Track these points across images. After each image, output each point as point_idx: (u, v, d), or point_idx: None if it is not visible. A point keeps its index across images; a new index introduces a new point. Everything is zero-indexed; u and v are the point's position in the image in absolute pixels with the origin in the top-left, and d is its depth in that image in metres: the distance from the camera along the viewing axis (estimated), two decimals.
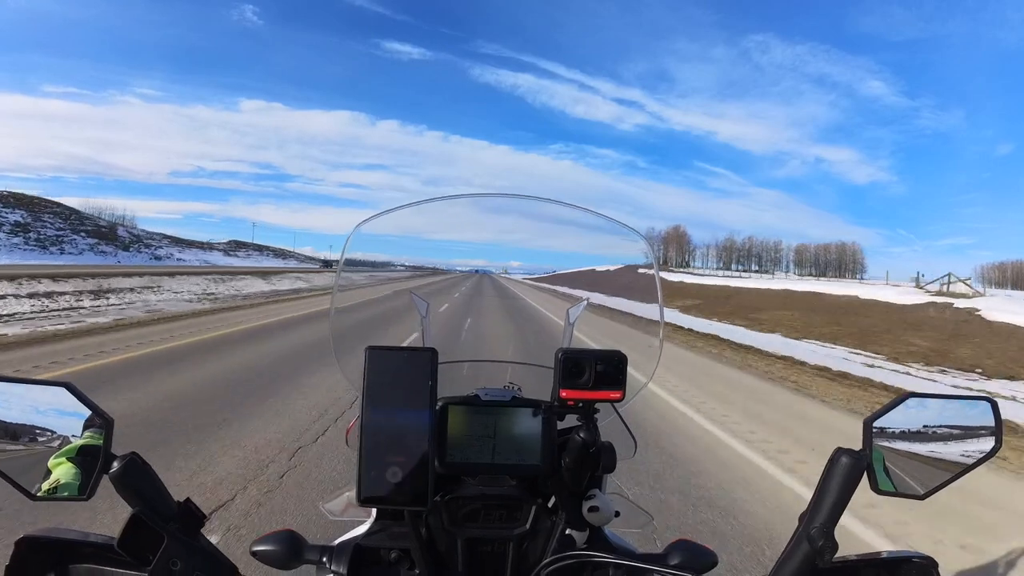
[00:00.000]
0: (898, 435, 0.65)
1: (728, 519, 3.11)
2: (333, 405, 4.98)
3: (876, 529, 3.02)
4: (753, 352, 11.12)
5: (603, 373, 0.67)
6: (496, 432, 0.72)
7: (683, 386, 6.88)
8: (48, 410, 0.60)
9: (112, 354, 6.93)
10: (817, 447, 4.63)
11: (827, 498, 0.62)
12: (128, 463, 0.58)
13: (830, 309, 19.88)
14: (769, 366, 9.35)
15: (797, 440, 4.89)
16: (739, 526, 3.03)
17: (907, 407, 0.65)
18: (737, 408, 6.00)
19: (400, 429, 0.61)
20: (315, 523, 2.67)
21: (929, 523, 3.16)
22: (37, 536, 0.60)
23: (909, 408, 0.65)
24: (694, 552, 0.73)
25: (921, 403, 0.66)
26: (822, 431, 5.32)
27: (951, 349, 12.43)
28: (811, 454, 4.43)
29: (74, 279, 16.44)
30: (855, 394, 7.16)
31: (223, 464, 3.49)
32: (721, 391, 6.95)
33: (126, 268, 29.91)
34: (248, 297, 19.32)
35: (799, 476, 3.91)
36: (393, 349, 0.63)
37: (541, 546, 0.75)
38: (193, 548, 0.59)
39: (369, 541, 0.74)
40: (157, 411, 4.56)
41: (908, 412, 0.65)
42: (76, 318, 10.48)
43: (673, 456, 4.18)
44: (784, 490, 3.66)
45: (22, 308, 11.38)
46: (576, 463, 0.69)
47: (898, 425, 0.65)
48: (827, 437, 5.04)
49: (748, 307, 22.69)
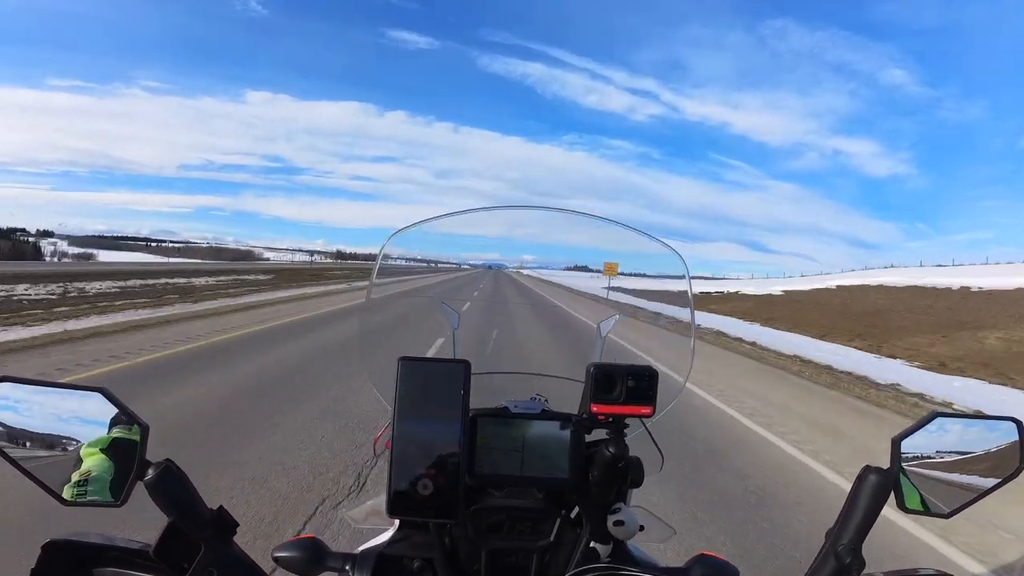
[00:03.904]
0: (925, 454, 0.66)
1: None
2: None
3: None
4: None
5: (634, 388, 0.67)
6: (525, 445, 0.72)
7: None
8: (82, 415, 0.60)
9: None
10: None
11: (855, 515, 0.62)
12: (164, 470, 0.58)
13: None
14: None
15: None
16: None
17: (934, 426, 0.66)
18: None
19: (431, 441, 0.61)
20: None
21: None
22: (63, 540, 0.60)
23: (935, 427, 0.66)
24: (716, 567, 0.73)
25: (947, 423, 0.67)
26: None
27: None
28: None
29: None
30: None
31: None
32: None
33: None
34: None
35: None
36: (426, 360, 0.63)
37: (564, 559, 0.75)
38: (228, 556, 0.59)
39: (392, 550, 0.74)
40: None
41: (934, 431, 0.66)
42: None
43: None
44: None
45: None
46: (604, 477, 0.69)
47: (925, 444, 0.66)
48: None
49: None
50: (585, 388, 0.70)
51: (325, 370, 6.40)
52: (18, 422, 0.58)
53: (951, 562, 2.94)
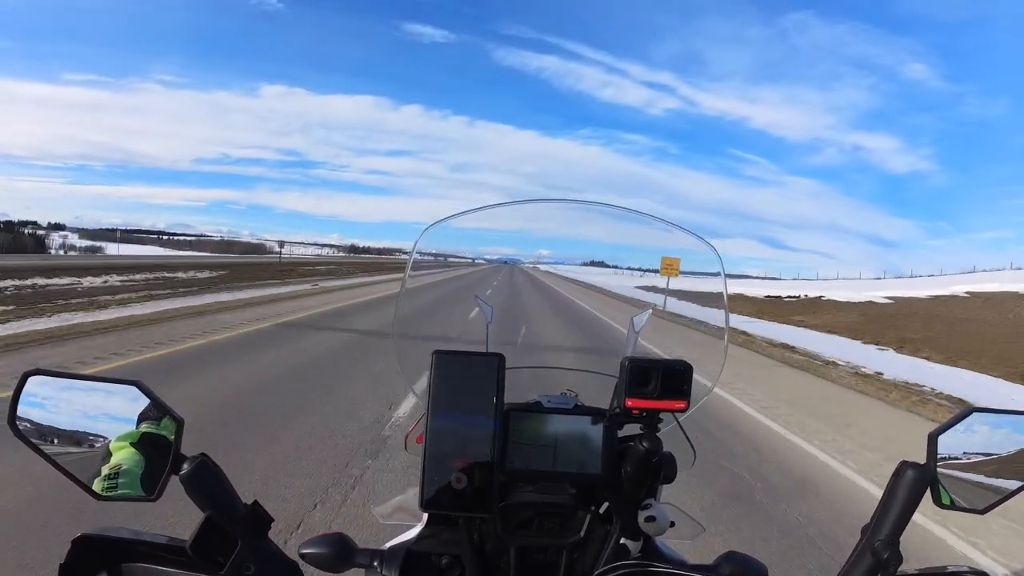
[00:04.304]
0: (961, 450, 0.65)
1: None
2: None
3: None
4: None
5: (668, 382, 0.67)
6: (557, 440, 0.71)
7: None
8: (111, 408, 0.59)
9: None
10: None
11: (892, 510, 0.62)
12: (199, 465, 0.57)
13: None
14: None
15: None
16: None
17: (970, 422, 0.65)
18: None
19: (465, 435, 0.60)
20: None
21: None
22: (93, 535, 0.59)
23: (972, 423, 0.65)
24: (745, 564, 0.73)
25: (984, 418, 0.66)
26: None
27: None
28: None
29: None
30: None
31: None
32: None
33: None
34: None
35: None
36: (460, 353, 0.63)
37: (593, 555, 0.75)
38: (264, 551, 0.58)
39: (420, 546, 0.73)
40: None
41: (971, 427, 0.65)
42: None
43: None
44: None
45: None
46: (637, 472, 0.69)
47: (961, 440, 0.65)
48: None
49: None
50: (619, 382, 0.69)
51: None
52: (49, 416, 0.57)
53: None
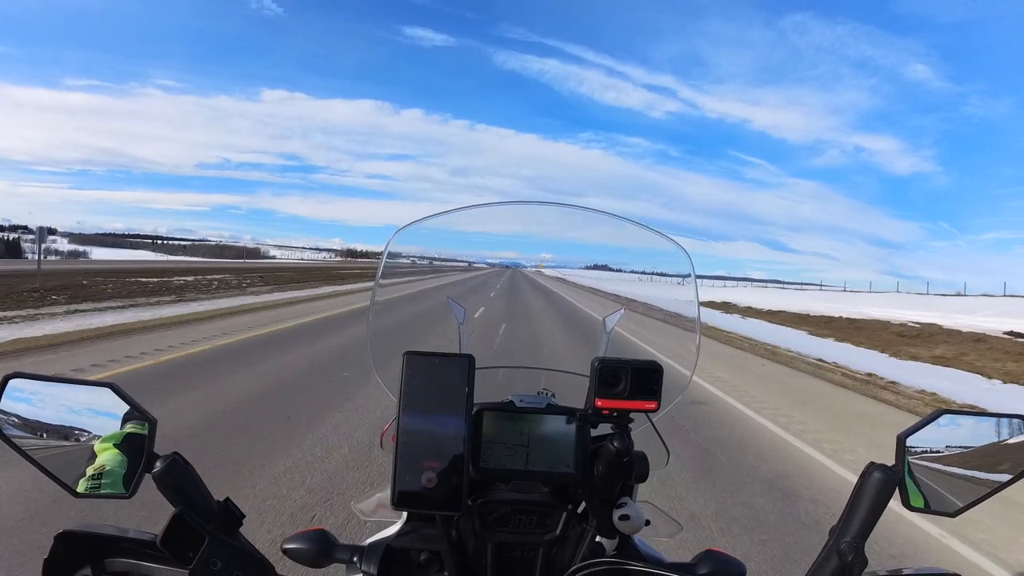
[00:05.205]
0: (931, 452, 0.65)
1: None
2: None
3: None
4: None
5: (639, 383, 0.67)
6: (530, 439, 0.72)
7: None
8: (92, 410, 0.61)
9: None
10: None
11: (858, 512, 0.62)
12: (171, 463, 0.59)
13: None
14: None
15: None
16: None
17: (940, 424, 0.65)
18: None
19: (436, 434, 0.61)
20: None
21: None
22: (76, 531, 0.61)
23: (942, 425, 0.65)
24: (723, 562, 0.74)
25: (954, 420, 0.66)
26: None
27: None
28: None
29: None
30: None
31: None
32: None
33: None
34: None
35: None
36: (431, 354, 0.63)
37: (570, 553, 0.76)
38: (233, 548, 0.59)
39: (400, 542, 0.75)
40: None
41: (941, 429, 0.65)
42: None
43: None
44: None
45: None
46: (609, 472, 0.69)
47: (931, 442, 0.65)
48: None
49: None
50: (591, 382, 0.70)
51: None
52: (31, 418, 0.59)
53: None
